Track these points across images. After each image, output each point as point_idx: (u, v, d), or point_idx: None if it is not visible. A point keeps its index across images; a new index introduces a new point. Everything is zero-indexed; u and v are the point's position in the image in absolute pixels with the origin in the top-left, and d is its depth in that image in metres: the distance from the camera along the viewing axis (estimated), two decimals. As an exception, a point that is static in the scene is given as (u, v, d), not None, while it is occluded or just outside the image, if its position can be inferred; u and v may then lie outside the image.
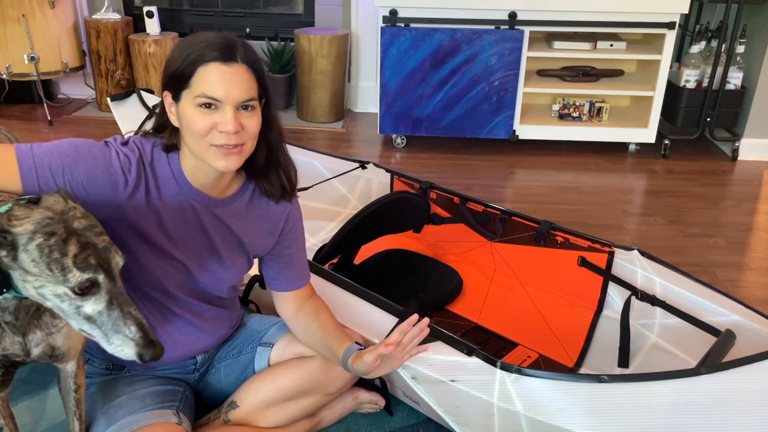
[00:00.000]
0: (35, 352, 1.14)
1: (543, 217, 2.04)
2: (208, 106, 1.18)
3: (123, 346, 1.03)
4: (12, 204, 1.02)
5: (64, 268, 0.98)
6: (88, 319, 1.02)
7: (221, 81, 1.17)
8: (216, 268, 1.39)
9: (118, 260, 1.05)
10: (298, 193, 2.24)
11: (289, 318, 1.52)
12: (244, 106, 1.20)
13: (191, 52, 1.18)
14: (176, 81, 1.20)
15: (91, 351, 1.45)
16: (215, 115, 1.18)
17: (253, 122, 1.22)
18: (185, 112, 1.20)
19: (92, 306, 1.01)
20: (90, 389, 1.42)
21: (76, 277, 0.98)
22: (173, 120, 1.25)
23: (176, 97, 1.21)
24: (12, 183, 1.13)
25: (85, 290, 1.00)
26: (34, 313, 1.11)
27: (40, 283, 0.99)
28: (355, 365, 1.38)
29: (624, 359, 1.78)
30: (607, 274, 1.90)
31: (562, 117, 3.60)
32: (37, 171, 1.14)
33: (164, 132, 1.30)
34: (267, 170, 1.35)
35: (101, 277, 1.01)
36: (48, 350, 1.17)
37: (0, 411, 1.23)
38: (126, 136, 1.31)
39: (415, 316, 1.37)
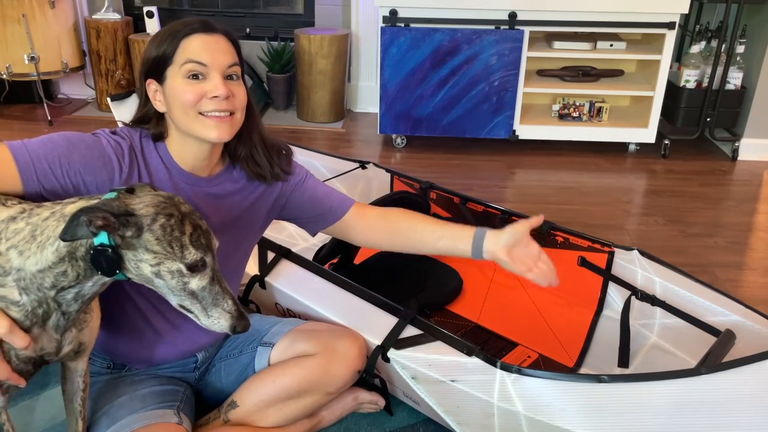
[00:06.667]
0: (66, 349, 1.17)
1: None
2: (195, 76, 1.21)
3: (220, 319, 1.10)
4: (116, 193, 1.07)
5: (182, 246, 1.05)
6: (192, 294, 1.08)
7: (206, 48, 1.22)
8: (222, 246, 1.40)
9: (215, 242, 1.12)
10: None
11: (370, 229, 1.54)
12: (229, 76, 1.24)
13: (171, 32, 1.23)
14: (159, 62, 1.23)
15: (92, 351, 1.45)
16: (204, 84, 1.22)
17: (241, 90, 1.27)
18: (173, 87, 1.22)
19: (197, 282, 1.07)
20: (91, 389, 1.42)
21: (192, 254, 1.05)
22: (159, 107, 1.27)
23: (161, 79, 1.24)
24: (10, 177, 1.14)
25: (194, 268, 1.06)
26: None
27: (158, 261, 1.04)
28: (492, 249, 1.36)
29: (624, 359, 1.78)
30: (607, 274, 1.90)
31: (562, 117, 3.60)
32: (34, 164, 1.15)
33: (149, 123, 1.31)
34: (252, 153, 1.38)
35: (209, 257, 1.08)
36: (76, 346, 1.19)
37: (3, 407, 1.23)
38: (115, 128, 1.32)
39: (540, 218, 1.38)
